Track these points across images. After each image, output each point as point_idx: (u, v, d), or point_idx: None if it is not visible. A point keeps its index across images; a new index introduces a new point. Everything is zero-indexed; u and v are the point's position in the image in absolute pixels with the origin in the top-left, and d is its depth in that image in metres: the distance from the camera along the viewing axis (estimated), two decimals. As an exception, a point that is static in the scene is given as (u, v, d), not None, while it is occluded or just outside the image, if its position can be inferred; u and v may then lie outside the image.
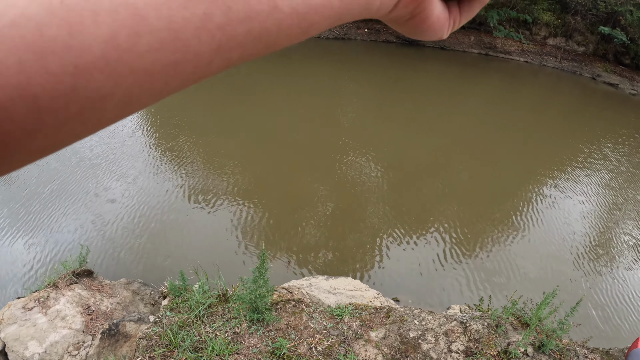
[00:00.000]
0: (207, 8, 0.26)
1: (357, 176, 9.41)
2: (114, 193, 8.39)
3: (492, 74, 22.85)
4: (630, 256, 7.55)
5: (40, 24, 0.22)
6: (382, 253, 6.92)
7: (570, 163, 11.28)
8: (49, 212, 7.85)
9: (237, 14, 0.27)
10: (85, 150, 10.01)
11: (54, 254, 6.88)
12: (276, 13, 0.28)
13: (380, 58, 23.52)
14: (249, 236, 7.21)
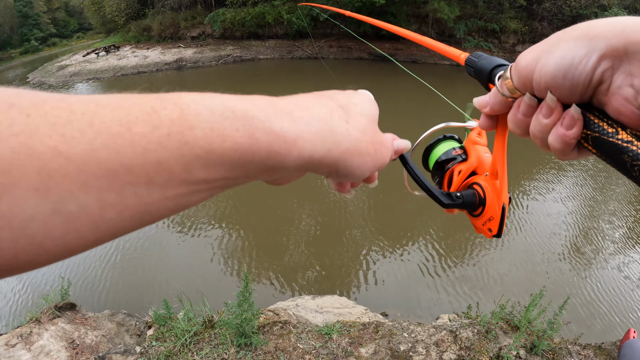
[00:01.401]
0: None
1: (339, 194, 9.38)
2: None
3: (464, 84, 23.05)
4: (612, 249, 7.62)
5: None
6: (367, 269, 6.88)
7: (548, 165, 11.39)
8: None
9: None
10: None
11: (35, 288, 6.73)
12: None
13: (353, 75, 23.75)
14: (232, 260, 7.13)
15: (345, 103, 0.51)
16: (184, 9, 32.83)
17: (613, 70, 0.43)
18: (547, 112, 0.48)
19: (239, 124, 0.36)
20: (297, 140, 0.40)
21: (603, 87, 0.44)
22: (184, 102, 0.35)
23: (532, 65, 0.48)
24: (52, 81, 25.68)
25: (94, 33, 59.91)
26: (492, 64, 0.64)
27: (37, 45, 59.33)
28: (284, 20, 29.26)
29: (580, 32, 0.44)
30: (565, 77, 0.45)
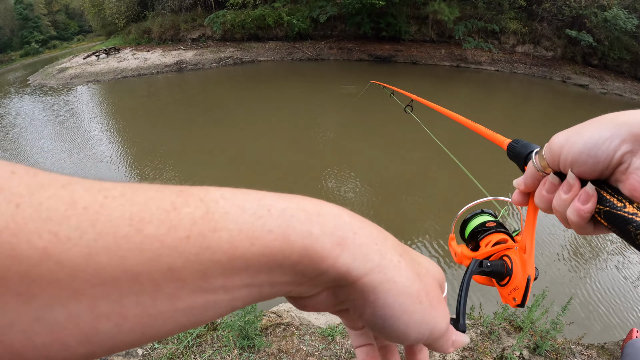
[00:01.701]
0: None
1: (337, 194, 9.39)
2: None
3: (465, 84, 23.18)
4: (610, 249, 7.61)
5: None
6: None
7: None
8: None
9: None
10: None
11: None
12: None
13: (353, 76, 23.73)
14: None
15: (407, 249, 0.43)
16: (184, 11, 32.87)
17: (633, 153, 0.48)
18: (567, 188, 0.54)
19: (274, 224, 0.31)
20: (336, 247, 0.34)
21: (622, 167, 0.49)
22: (211, 199, 0.31)
23: (562, 143, 0.54)
24: (52, 83, 25.66)
25: (95, 35, 60.01)
26: (528, 149, 0.73)
27: (37, 47, 59.33)
28: (284, 22, 29.30)
29: (609, 119, 0.50)
30: (589, 155, 0.50)
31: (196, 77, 25.34)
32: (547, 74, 26.35)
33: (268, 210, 0.32)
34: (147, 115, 17.24)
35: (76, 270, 0.24)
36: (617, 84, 24.67)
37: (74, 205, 0.25)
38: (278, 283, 0.33)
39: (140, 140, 13.55)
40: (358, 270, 0.35)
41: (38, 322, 0.23)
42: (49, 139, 14.67)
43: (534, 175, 0.62)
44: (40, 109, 19.50)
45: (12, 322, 0.23)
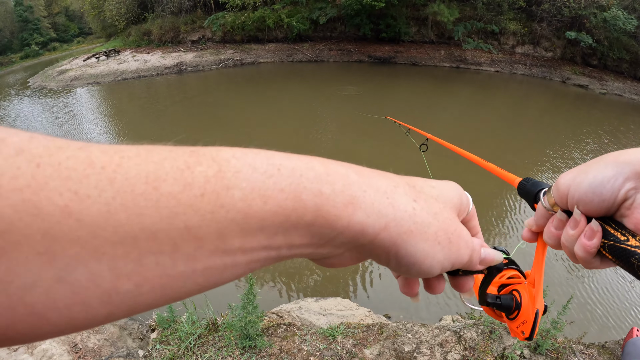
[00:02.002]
0: None
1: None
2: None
3: (464, 85, 23.18)
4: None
5: None
6: (369, 271, 6.87)
7: (545, 167, 11.41)
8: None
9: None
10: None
11: None
12: None
13: (353, 77, 23.73)
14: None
15: (418, 184, 0.45)
16: (184, 13, 32.88)
17: (637, 189, 0.50)
18: (574, 224, 0.56)
19: (285, 183, 0.32)
20: (348, 206, 0.35)
21: (627, 203, 0.51)
22: (222, 158, 0.31)
23: (569, 182, 0.56)
24: (52, 85, 25.67)
25: (95, 37, 60.02)
26: (537, 188, 0.76)
27: (37, 49, 59.37)
28: (284, 24, 29.32)
29: (612, 158, 0.53)
30: (594, 193, 0.52)
31: (196, 78, 25.36)
32: (546, 75, 26.36)
33: (278, 169, 0.33)
34: (147, 117, 17.27)
35: (96, 228, 0.24)
36: (616, 84, 24.68)
37: (92, 165, 0.25)
38: (296, 245, 0.34)
39: (140, 142, 13.53)
40: (374, 227, 0.36)
41: (60, 283, 0.24)
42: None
43: (543, 215, 0.65)
44: (40, 111, 19.55)
45: (34, 282, 0.23)
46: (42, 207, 0.23)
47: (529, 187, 0.79)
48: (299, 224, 0.33)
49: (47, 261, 0.23)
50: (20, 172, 0.23)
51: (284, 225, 0.32)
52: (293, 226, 0.32)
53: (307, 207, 0.32)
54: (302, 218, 0.32)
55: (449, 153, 1.91)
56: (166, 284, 0.28)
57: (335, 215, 0.34)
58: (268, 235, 0.31)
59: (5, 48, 59.04)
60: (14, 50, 59.52)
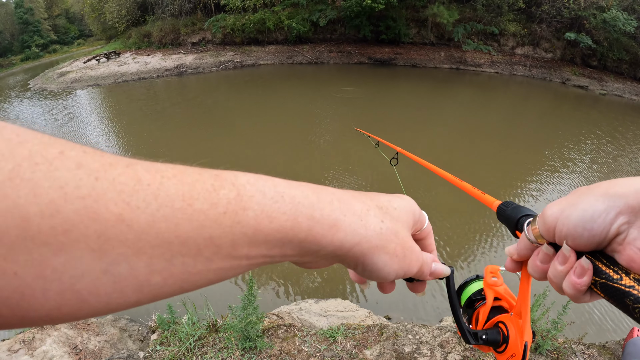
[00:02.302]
0: None
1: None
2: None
3: (464, 87, 23.19)
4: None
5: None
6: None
7: (546, 168, 11.41)
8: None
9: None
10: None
11: None
12: None
13: (353, 79, 23.73)
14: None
15: (385, 205, 0.53)
16: (184, 15, 32.93)
17: (629, 224, 0.48)
18: (562, 260, 0.54)
19: (287, 208, 0.40)
20: (332, 227, 0.44)
21: (619, 238, 0.49)
22: (240, 183, 0.39)
23: (556, 215, 0.54)
24: (53, 87, 25.70)
25: (95, 39, 60.14)
26: (519, 214, 0.73)
27: (37, 51, 59.49)
28: (284, 26, 29.35)
29: (603, 190, 0.50)
30: (584, 228, 0.50)
31: (196, 80, 25.38)
32: (546, 76, 26.38)
33: (282, 196, 0.41)
34: (146, 119, 17.26)
35: (141, 233, 0.30)
36: (616, 84, 24.71)
37: (140, 182, 0.32)
38: (288, 255, 0.42)
39: (138, 144, 13.59)
40: (349, 243, 0.46)
41: (105, 274, 0.29)
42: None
43: (527, 246, 0.62)
44: (40, 113, 19.56)
45: (83, 273, 0.28)
46: (100, 213, 0.28)
47: (510, 212, 0.76)
48: (294, 240, 0.41)
49: (98, 257, 0.29)
50: (82, 183, 0.28)
51: (282, 240, 0.40)
52: (289, 241, 0.41)
53: (301, 228, 0.41)
54: (297, 236, 0.41)
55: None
56: (186, 279, 0.35)
57: (322, 235, 0.43)
58: (268, 247, 0.39)
59: (6, 50, 59.18)
60: (14, 52, 59.65)
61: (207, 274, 0.37)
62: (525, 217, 0.70)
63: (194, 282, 0.37)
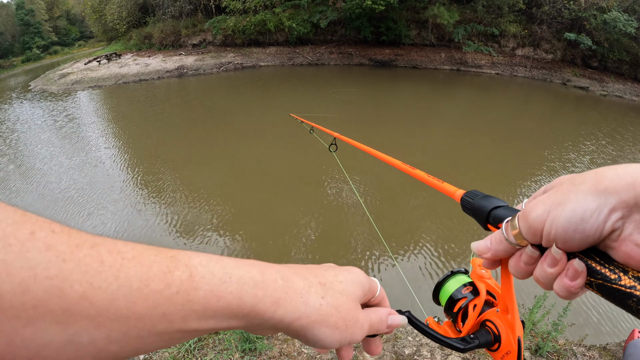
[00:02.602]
0: None
1: (339, 201, 9.38)
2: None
3: (465, 88, 23.18)
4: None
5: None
6: (379, 268, 6.84)
7: (547, 169, 11.40)
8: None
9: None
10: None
11: None
12: None
13: (353, 80, 23.74)
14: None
15: (329, 280, 0.57)
16: (184, 17, 32.95)
17: (624, 220, 0.45)
18: (552, 262, 0.51)
19: (233, 288, 0.45)
20: (273, 305, 0.48)
21: (614, 235, 0.46)
22: (193, 265, 0.43)
23: (542, 217, 0.50)
24: (53, 89, 25.72)
25: (96, 41, 60.24)
26: (490, 205, 0.68)
27: (38, 53, 59.58)
28: (285, 27, 29.36)
29: (590, 185, 0.47)
30: (576, 230, 0.47)
31: (197, 82, 25.38)
32: (547, 77, 26.38)
33: (229, 277, 0.45)
34: (146, 120, 17.27)
35: (102, 309, 0.34)
36: (617, 85, 24.68)
37: (103, 264, 0.36)
38: (234, 326, 0.46)
39: (137, 145, 13.59)
40: (289, 319, 0.49)
41: (68, 344, 0.34)
42: (48, 144, 14.71)
43: (505, 247, 0.58)
44: (40, 114, 19.56)
45: (49, 343, 0.33)
46: (66, 291, 0.33)
47: (478, 203, 0.70)
48: (239, 315, 0.45)
49: (63, 329, 0.33)
50: (51, 265, 0.32)
51: (228, 315, 0.44)
52: (234, 315, 0.45)
53: (245, 305, 0.45)
54: (242, 311, 0.45)
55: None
56: (140, 347, 0.39)
57: (264, 311, 0.47)
58: (216, 321, 0.44)
59: (7, 51, 59.27)
60: (15, 53, 59.76)
61: (160, 343, 0.41)
62: (498, 210, 0.66)
63: (147, 349, 0.40)
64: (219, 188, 9.92)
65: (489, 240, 0.60)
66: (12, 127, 17.42)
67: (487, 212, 0.67)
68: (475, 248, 0.62)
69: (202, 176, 10.70)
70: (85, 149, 13.74)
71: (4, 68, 50.93)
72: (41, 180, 11.28)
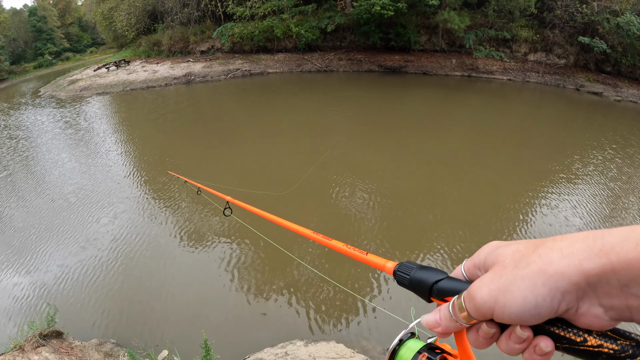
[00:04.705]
0: None
1: (347, 209, 9.15)
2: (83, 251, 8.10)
3: (477, 94, 22.83)
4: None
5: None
6: (373, 294, 6.55)
7: (560, 175, 11.08)
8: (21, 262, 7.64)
9: None
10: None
11: (21, 313, 6.51)
12: None
13: (363, 87, 23.54)
14: (229, 280, 6.86)
15: None
16: (193, 24, 32.95)
17: (578, 299, 0.46)
18: (517, 340, 0.51)
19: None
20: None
21: (570, 312, 0.47)
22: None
23: (490, 303, 0.50)
24: (62, 95, 25.91)
25: (107, 48, 60.71)
26: (431, 279, 0.65)
27: (50, 59, 60.05)
28: (293, 34, 29.21)
29: (537, 270, 0.47)
30: (531, 314, 0.48)
31: (205, 89, 25.34)
32: (560, 82, 25.92)
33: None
34: (151, 127, 17.31)
35: None
36: (631, 90, 24.20)
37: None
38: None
39: (143, 150, 13.48)
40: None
41: None
42: (55, 149, 14.88)
43: (455, 324, 0.56)
44: (47, 121, 19.72)
45: None
46: None
47: (417, 277, 0.66)
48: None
49: None
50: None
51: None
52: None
53: None
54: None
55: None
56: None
57: None
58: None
59: (20, 57, 59.84)
60: (28, 59, 60.31)
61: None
62: (441, 284, 0.63)
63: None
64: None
65: (438, 315, 0.59)
66: (15, 134, 17.62)
67: (429, 286, 0.65)
68: (425, 323, 0.61)
69: (214, 180, 10.57)
70: (95, 154, 13.96)
71: (17, 74, 51.35)
72: (46, 185, 11.56)
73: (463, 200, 9.67)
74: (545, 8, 27.24)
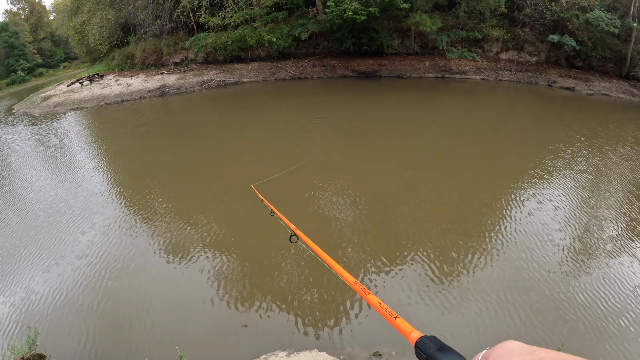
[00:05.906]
0: None
1: (325, 213, 9.17)
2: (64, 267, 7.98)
3: (451, 95, 23.03)
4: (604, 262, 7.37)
5: None
6: (354, 303, 6.55)
7: (536, 172, 11.24)
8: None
9: None
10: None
11: (5, 335, 6.39)
12: None
13: (338, 93, 23.61)
14: (208, 293, 6.81)
15: None
16: (166, 35, 32.72)
17: None
18: None
19: None
20: None
21: None
22: None
23: None
24: (36, 112, 25.57)
25: (80, 62, 60.13)
26: None
27: (23, 75, 59.28)
28: (265, 42, 29.19)
29: None
30: None
31: (179, 101, 25.14)
32: (532, 79, 26.28)
33: None
34: (127, 140, 17.17)
35: None
36: (602, 84, 24.64)
37: None
38: None
39: (120, 167, 13.36)
40: None
41: None
42: (28, 168, 14.65)
43: None
44: (23, 139, 19.50)
45: None
46: None
47: (436, 356, 0.66)
48: None
49: None
50: None
51: None
52: None
53: None
54: None
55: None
56: None
57: None
58: None
59: (-8, 74, 59.01)
60: (0, 76, 59.40)
61: None
62: None
63: None
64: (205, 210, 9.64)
65: None
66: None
67: None
68: None
69: (187, 194, 10.51)
70: (69, 172, 13.78)
71: (-11, 92, 50.61)
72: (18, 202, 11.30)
73: (442, 201, 9.76)
74: (515, 7, 27.62)
